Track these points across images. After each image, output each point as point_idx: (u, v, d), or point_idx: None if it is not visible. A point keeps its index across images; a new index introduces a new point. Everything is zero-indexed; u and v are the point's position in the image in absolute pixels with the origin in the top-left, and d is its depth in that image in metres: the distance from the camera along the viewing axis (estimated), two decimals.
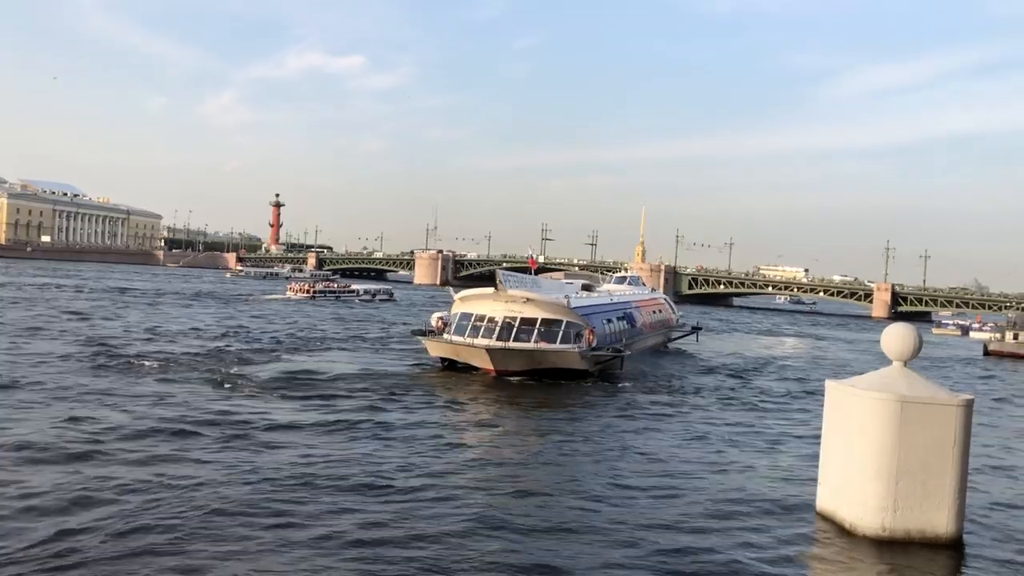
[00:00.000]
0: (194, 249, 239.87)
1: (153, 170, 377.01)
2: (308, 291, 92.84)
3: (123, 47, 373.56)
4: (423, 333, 37.06)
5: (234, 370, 31.49)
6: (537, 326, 33.65)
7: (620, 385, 33.55)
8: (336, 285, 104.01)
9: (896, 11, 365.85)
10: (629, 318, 44.35)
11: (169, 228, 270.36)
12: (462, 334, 34.11)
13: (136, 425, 20.75)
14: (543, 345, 33.39)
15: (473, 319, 34.39)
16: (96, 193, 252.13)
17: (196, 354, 35.75)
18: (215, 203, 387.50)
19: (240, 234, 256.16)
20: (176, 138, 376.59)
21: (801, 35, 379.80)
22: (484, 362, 33.39)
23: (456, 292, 37.08)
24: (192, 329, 47.91)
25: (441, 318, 37.11)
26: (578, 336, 34.25)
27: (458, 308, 35.72)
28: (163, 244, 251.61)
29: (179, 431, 20.28)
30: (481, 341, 33.12)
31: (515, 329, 33.53)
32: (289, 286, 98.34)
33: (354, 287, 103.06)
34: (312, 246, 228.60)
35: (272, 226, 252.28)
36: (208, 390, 26.76)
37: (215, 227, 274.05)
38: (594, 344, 34.92)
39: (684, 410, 28.80)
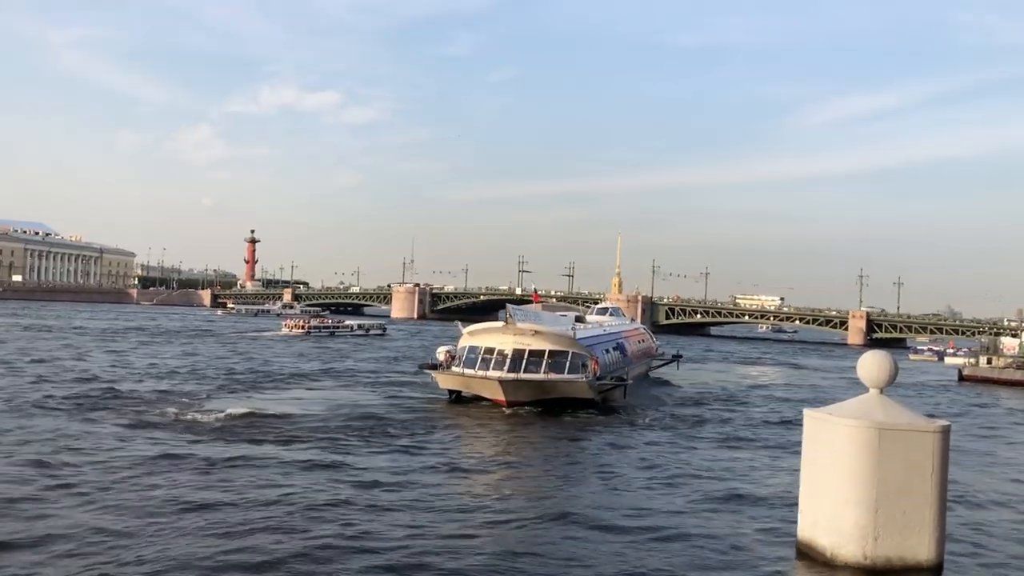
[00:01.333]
0: (168, 287, 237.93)
1: (126, 208, 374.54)
2: (303, 327, 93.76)
3: (95, 84, 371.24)
4: (432, 367, 37.62)
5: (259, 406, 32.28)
6: (545, 358, 34.78)
7: (637, 412, 35.13)
8: (330, 321, 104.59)
9: (863, 42, 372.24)
10: (621, 348, 45.47)
11: (143, 266, 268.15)
12: (472, 367, 34.98)
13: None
14: (552, 376, 34.50)
15: (482, 352, 35.27)
16: (68, 232, 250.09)
17: (234, 386, 39.67)
18: (189, 240, 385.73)
19: (215, 271, 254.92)
20: (150, 175, 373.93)
21: (770, 67, 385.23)
22: (495, 393, 34.30)
23: (464, 327, 38.06)
24: (207, 366, 49.60)
25: (448, 351, 37.64)
26: (583, 366, 35.25)
27: (466, 342, 36.65)
28: (136, 282, 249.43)
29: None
30: (493, 373, 34.11)
31: (524, 361, 34.55)
32: (284, 323, 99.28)
33: (348, 322, 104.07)
34: (288, 282, 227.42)
35: (247, 262, 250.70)
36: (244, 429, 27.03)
37: (189, 264, 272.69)
38: (598, 373, 35.89)
39: (675, 438, 29.07)
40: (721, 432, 31.45)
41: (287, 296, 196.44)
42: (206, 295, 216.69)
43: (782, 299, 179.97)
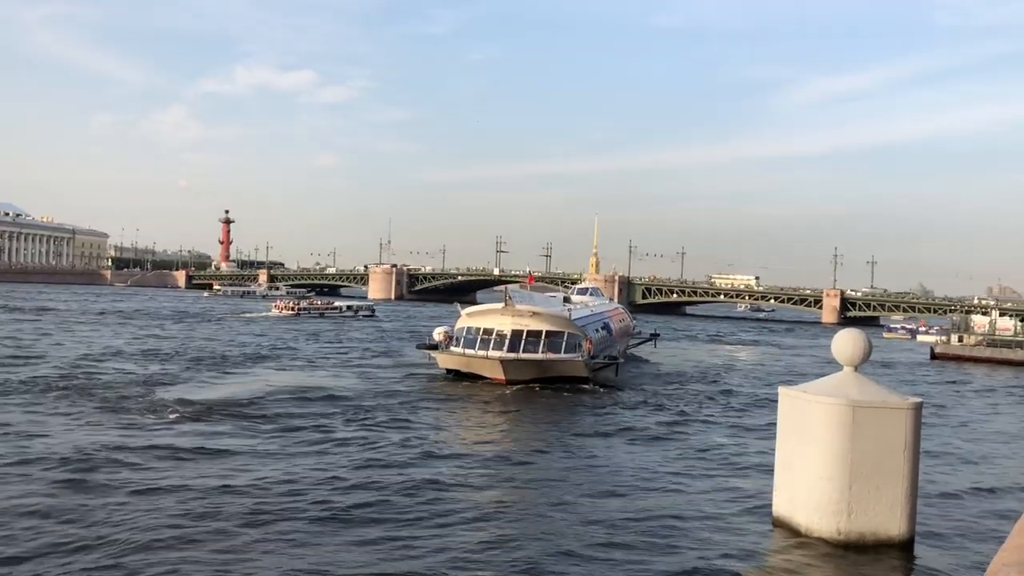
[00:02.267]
0: (142, 268, 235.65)
1: (100, 189, 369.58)
2: (293, 308, 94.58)
3: (68, 64, 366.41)
4: (431, 347, 38.86)
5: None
6: (543, 338, 36.08)
7: (627, 390, 36.14)
8: (319, 302, 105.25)
9: (840, 23, 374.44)
10: (607, 327, 46.52)
11: (116, 247, 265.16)
12: (472, 347, 36.33)
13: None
14: (550, 355, 35.85)
15: (481, 332, 36.47)
16: (39, 212, 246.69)
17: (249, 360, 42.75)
18: (164, 221, 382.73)
19: (189, 252, 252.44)
20: (124, 156, 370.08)
21: (749, 48, 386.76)
22: (495, 372, 35.52)
23: (463, 308, 39.28)
24: (212, 345, 50.45)
25: (445, 332, 38.68)
26: (578, 346, 36.56)
27: (464, 323, 37.79)
28: (110, 263, 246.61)
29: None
30: (494, 353, 35.39)
31: (523, 341, 35.78)
32: (275, 303, 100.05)
33: (337, 304, 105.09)
34: (263, 263, 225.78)
35: (222, 243, 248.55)
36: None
37: (164, 245, 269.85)
38: (592, 353, 37.06)
39: (660, 415, 29.48)
40: (698, 410, 31.80)
41: (262, 277, 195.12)
42: (181, 276, 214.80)
43: (757, 279, 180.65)
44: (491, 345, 35.83)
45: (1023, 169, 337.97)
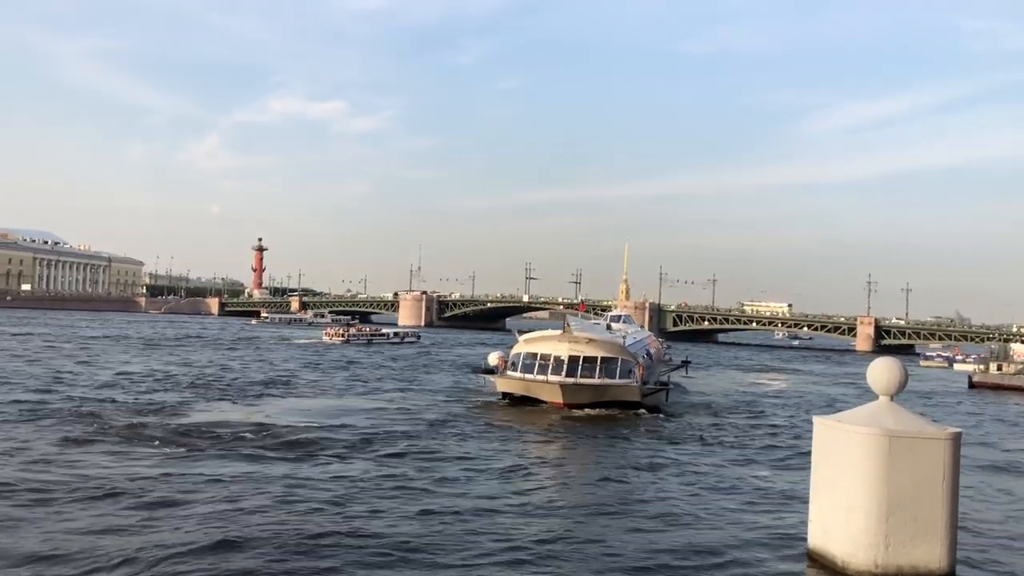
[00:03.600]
0: (176, 295, 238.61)
1: (135, 217, 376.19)
2: (343, 335, 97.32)
3: (105, 95, 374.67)
4: (488, 372, 41.10)
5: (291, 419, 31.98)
6: (599, 364, 37.46)
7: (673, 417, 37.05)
8: (367, 329, 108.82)
9: (871, 48, 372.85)
10: (648, 354, 47.52)
11: (151, 274, 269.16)
12: (531, 372, 37.95)
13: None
14: (606, 380, 37.27)
15: (539, 358, 38.06)
16: (77, 241, 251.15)
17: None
18: (198, 249, 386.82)
19: (223, 279, 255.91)
20: (158, 184, 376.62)
21: (778, 74, 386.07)
22: (554, 396, 36.92)
23: (520, 335, 40.92)
24: (273, 368, 55.50)
25: (501, 357, 40.70)
26: (631, 372, 38.14)
27: (521, 348, 39.43)
28: (144, 290, 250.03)
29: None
30: (554, 377, 36.92)
31: (580, 366, 37.23)
32: (325, 331, 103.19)
33: (384, 330, 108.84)
34: (295, 290, 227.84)
35: (255, 271, 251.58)
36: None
37: (197, 272, 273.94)
38: (644, 378, 38.74)
39: (694, 443, 29.40)
40: (734, 439, 31.41)
41: (294, 304, 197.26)
42: (214, 303, 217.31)
43: (790, 306, 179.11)
44: (549, 370, 37.30)
45: None
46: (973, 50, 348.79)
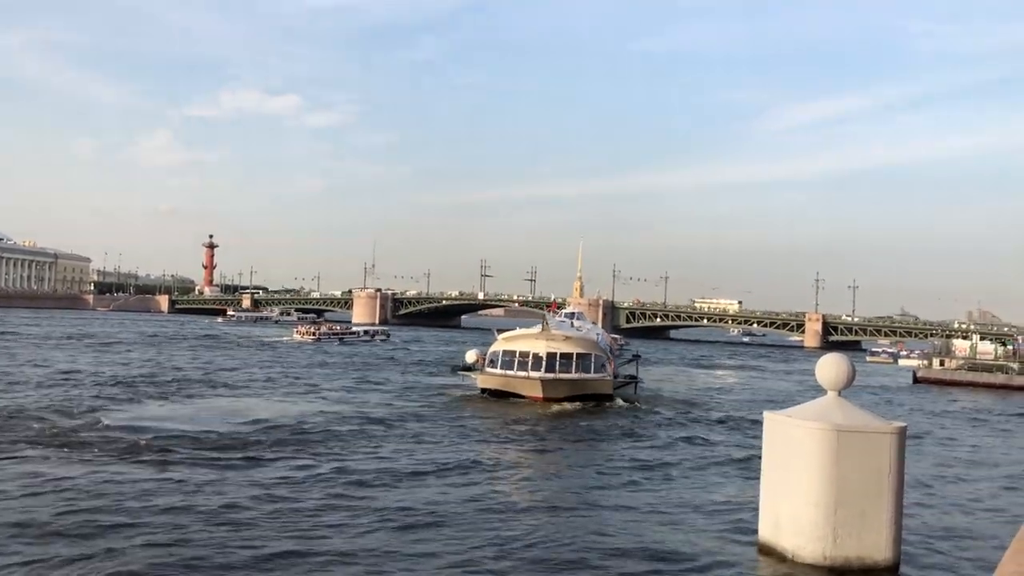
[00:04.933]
0: (125, 292, 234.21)
1: (83, 213, 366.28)
2: (314, 334, 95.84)
3: (51, 88, 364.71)
4: (467, 369, 43.02)
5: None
6: (574, 359, 39.62)
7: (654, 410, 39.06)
8: (338, 328, 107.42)
9: (822, 49, 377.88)
10: (610, 350, 49.75)
11: (99, 271, 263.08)
12: (510, 368, 39.75)
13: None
14: (583, 375, 39.67)
15: (518, 355, 39.84)
16: (21, 237, 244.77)
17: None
18: (147, 245, 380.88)
19: (172, 276, 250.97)
20: (107, 179, 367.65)
21: (730, 73, 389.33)
22: (533, 391, 38.84)
23: (499, 334, 42.78)
24: (256, 371, 53.39)
25: (479, 354, 42.55)
26: (604, 366, 40.76)
27: (500, 346, 41.29)
28: (92, 288, 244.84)
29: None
30: (534, 373, 38.91)
31: (557, 362, 39.22)
32: (296, 329, 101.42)
33: (354, 329, 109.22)
34: (247, 287, 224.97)
35: (206, 268, 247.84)
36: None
37: (147, 270, 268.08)
38: (615, 372, 41.83)
39: (652, 440, 29.47)
40: (679, 432, 32.05)
41: (245, 302, 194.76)
42: (164, 301, 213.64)
43: (740, 303, 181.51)
44: (529, 366, 39.18)
45: (1004, 195, 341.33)
46: (922, 50, 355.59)
